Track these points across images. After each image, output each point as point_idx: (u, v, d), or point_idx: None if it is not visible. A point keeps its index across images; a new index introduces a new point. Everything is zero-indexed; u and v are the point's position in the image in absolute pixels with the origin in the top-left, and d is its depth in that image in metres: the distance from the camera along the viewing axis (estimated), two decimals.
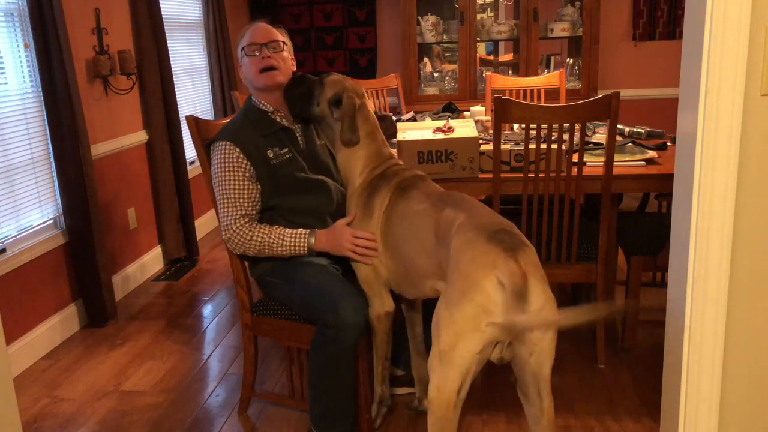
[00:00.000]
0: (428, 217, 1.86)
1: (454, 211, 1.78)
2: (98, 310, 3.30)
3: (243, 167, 2.10)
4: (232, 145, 2.10)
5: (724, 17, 1.52)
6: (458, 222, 1.71)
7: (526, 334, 1.54)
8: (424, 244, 1.85)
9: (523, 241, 1.61)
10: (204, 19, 4.80)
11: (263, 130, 2.17)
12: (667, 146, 2.88)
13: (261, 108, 2.21)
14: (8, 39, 2.95)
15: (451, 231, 1.71)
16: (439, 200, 1.89)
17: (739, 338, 1.70)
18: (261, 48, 2.18)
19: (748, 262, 1.65)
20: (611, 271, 2.88)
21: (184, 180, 4.14)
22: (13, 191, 2.96)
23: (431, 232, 1.83)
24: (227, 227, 2.12)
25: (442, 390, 1.54)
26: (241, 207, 2.11)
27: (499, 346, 1.56)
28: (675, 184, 1.79)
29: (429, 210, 1.88)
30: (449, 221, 1.76)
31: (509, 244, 1.55)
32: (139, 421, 2.47)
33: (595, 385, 2.53)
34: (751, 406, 1.74)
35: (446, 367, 1.53)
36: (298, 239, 2.11)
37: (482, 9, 5.01)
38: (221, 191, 2.12)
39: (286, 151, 2.18)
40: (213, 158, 2.15)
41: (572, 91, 4.70)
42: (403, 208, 1.96)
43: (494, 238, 1.57)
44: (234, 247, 2.14)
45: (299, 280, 2.14)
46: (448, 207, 1.81)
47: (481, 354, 1.53)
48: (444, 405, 1.54)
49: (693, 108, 1.62)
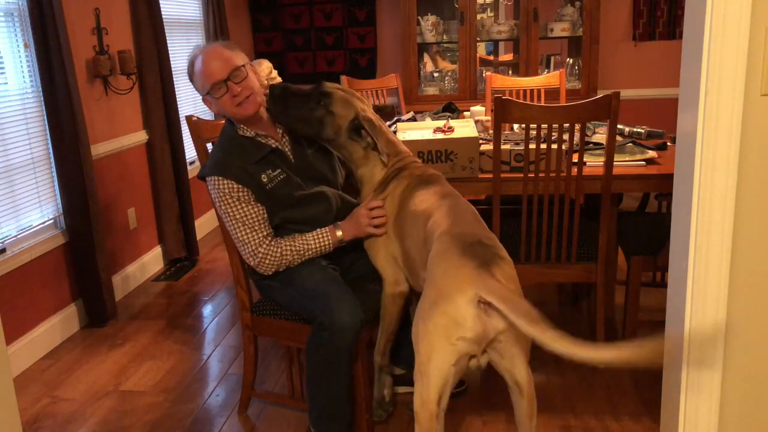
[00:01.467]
0: (424, 216, 1.90)
1: (444, 215, 1.81)
2: (98, 310, 3.30)
3: (242, 195, 2.07)
4: (223, 178, 2.05)
5: (724, 17, 1.52)
6: (440, 229, 1.74)
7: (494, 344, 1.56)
8: (420, 237, 1.89)
9: (498, 254, 1.62)
10: (204, 19, 4.80)
11: (252, 156, 2.09)
12: (667, 146, 2.88)
13: (245, 135, 2.13)
14: (8, 39, 2.95)
15: (434, 236, 1.74)
16: (441, 198, 1.91)
17: (739, 338, 1.70)
18: (225, 84, 2.05)
19: (748, 262, 1.65)
20: (611, 271, 2.88)
21: (184, 180, 4.14)
22: (13, 191, 2.96)
23: (422, 230, 1.87)
24: (254, 253, 2.09)
25: (425, 401, 1.57)
26: (259, 230, 2.09)
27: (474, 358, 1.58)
28: (675, 184, 1.78)
29: (428, 209, 1.91)
30: (436, 224, 1.79)
31: (483, 258, 1.57)
32: (139, 421, 2.47)
33: (595, 385, 2.53)
34: (751, 406, 1.74)
35: (425, 380, 1.56)
36: (323, 237, 2.12)
37: (482, 9, 5.01)
38: (234, 223, 2.09)
39: (279, 172, 2.12)
40: (211, 193, 2.12)
41: (572, 91, 4.70)
42: (416, 201, 1.99)
43: (468, 252, 1.59)
44: (267, 268, 2.11)
45: (296, 282, 2.14)
46: (442, 209, 1.85)
47: (456, 366, 1.55)
48: (428, 415, 1.57)
49: (693, 108, 1.62)
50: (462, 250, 1.60)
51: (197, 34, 4.80)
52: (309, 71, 5.51)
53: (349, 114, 2.09)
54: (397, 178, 2.09)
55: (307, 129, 2.11)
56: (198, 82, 2.11)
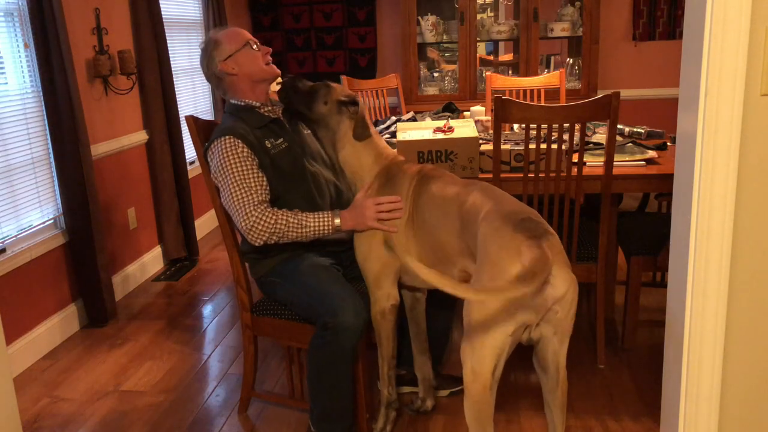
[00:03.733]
0: (456, 201, 1.90)
1: (481, 198, 1.82)
2: (98, 310, 3.30)
3: (249, 157, 2.09)
4: (234, 138, 2.09)
5: (724, 17, 1.52)
6: (485, 209, 1.76)
7: (551, 315, 1.59)
8: (453, 225, 1.89)
9: (547, 229, 1.66)
10: (204, 19, 4.80)
11: (256, 123, 2.19)
12: (667, 146, 2.88)
13: (248, 105, 2.23)
14: (8, 39, 2.95)
15: (478, 217, 1.76)
16: (467, 185, 1.93)
17: (739, 338, 1.70)
18: (256, 43, 2.25)
19: (748, 262, 1.65)
20: (611, 271, 2.88)
21: (184, 180, 4.14)
22: (13, 191, 2.96)
23: (457, 215, 1.88)
24: (248, 215, 2.03)
25: (478, 373, 1.60)
26: (257, 194, 2.06)
27: (528, 329, 1.61)
28: (675, 184, 1.79)
29: (458, 194, 1.91)
30: (476, 207, 1.81)
31: (534, 232, 1.60)
32: (139, 421, 2.47)
33: (595, 385, 2.53)
34: (751, 406, 1.74)
35: (480, 351, 1.59)
36: (323, 220, 2.07)
37: (482, 9, 5.01)
38: (233, 183, 2.06)
39: (281, 141, 2.20)
40: (215, 155, 2.12)
41: (572, 91, 4.70)
42: (433, 193, 1.99)
43: (520, 226, 1.62)
44: (258, 234, 2.03)
45: (299, 280, 2.14)
46: (476, 193, 1.86)
47: (513, 336, 1.59)
48: (480, 387, 1.61)
49: (693, 108, 1.62)
50: (514, 226, 1.63)
51: (197, 34, 4.80)
52: (309, 71, 5.51)
53: (346, 92, 2.15)
54: (396, 177, 2.08)
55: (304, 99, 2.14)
56: (227, 45, 2.20)
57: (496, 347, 1.58)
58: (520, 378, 2.59)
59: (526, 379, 2.58)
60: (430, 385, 2.38)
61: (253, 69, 2.22)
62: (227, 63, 2.20)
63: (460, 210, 1.87)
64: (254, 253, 2.23)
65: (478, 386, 1.60)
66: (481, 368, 1.59)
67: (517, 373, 2.62)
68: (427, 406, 2.38)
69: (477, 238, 1.72)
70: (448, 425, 2.33)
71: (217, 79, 2.26)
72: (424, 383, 2.36)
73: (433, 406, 2.38)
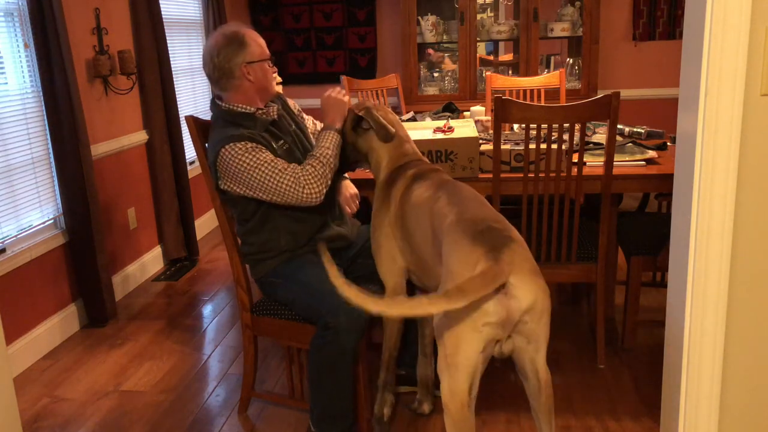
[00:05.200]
0: (426, 207, 1.89)
1: (446, 205, 1.81)
2: (98, 310, 3.30)
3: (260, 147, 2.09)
4: (244, 142, 2.08)
5: (724, 17, 1.52)
6: (448, 220, 1.74)
7: (521, 326, 1.56)
8: (426, 233, 1.89)
9: (509, 236, 1.62)
10: (204, 19, 4.80)
11: (258, 129, 2.16)
12: (667, 146, 2.88)
13: (246, 112, 2.18)
14: (8, 39, 2.95)
15: (442, 228, 1.74)
16: (437, 190, 1.91)
17: (739, 338, 1.70)
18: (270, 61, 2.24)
19: (748, 262, 1.65)
20: (611, 271, 2.88)
21: (184, 180, 4.14)
22: (13, 191, 2.96)
23: (428, 223, 1.87)
24: (297, 182, 2.05)
25: (455, 392, 1.58)
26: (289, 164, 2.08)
27: (498, 343, 1.59)
28: (675, 184, 1.79)
29: (428, 200, 1.91)
30: (441, 216, 1.79)
31: (494, 243, 1.57)
32: (139, 421, 2.47)
33: (595, 385, 2.53)
34: (751, 406, 1.74)
35: (453, 371, 1.57)
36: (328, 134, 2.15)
37: (482, 9, 5.01)
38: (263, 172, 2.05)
39: (282, 142, 2.21)
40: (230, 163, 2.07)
41: (572, 91, 4.70)
42: (414, 198, 1.99)
43: (479, 238, 1.59)
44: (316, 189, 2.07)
45: (300, 280, 2.14)
46: (442, 199, 1.85)
47: (484, 352, 1.56)
48: (459, 406, 1.58)
49: (693, 108, 1.62)
50: (473, 238, 1.60)
51: (197, 34, 4.80)
52: (309, 71, 5.51)
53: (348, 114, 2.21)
54: (395, 181, 2.10)
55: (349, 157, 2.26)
56: (255, 50, 2.18)
57: (469, 366, 1.56)
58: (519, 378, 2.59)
59: None
60: (429, 387, 2.37)
61: (265, 84, 2.21)
62: (248, 68, 2.16)
63: (430, 217, 1.85)
64: (255, 254, 2.23)
65: (457, 405, 1.58)
66: (456, 387, 1.57)
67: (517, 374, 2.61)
68: (423, 409, 2.38)
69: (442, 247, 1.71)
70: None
71: (227, 74, 2.16)
72: (423, 384, 2.36)
73: (430, 409, 2.38)
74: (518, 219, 2.57)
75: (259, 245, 2.22)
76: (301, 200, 2.06)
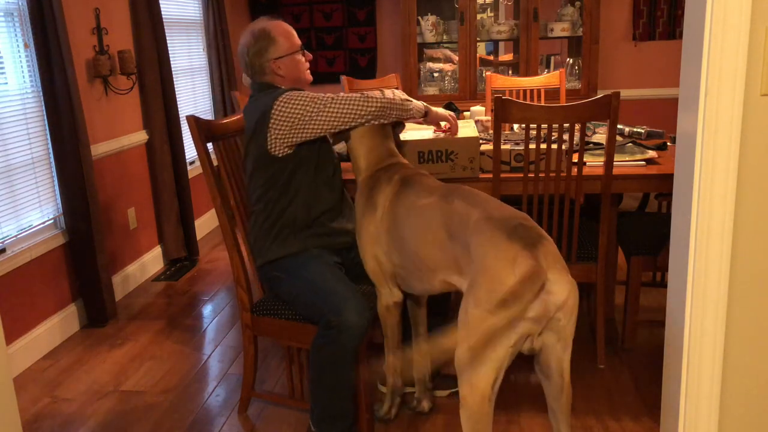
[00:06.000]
0: (437, 211, 1.87)
1: (465, 205, 1.79)
2: (98, 310, 3.30)
3: None
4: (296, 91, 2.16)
5: (724, 17, 1.52)
6: (474, 218, 1.72)
7: (553, 323, 1.57)
8: (436, 236, 1.86)
9: (542, 234, 1.64)
10: (204, 19, 4.80)
11: None
12: (667, 146, 2.88)
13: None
14: (8, 39, 2.95)
15: (468, 227, 1.72)
16: (447, 193, 1.90)
17: (739, 338, 1.70)
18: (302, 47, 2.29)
19: (748, 262, 1.65)
20: (611, 271, 2.88)
21: (184, 180, 4.14)
22: (13, 191, 2.96)
23: (441, 225, 1.84)
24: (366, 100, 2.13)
25: (476, 386, 1.57)
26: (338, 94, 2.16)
27: (530, 338, 1.59)
28: (675, 184, 1.79)
29: (437, 203, 1.88)
30: (462, 216, 1.77)
31: (529, 240, 1.58)
32: (139, 421, 2.47)
33: (595, 385, 2.53)
34: (751, 406, 1.74)
35: (480, 365, 1.55)
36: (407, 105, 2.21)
37: (482, 9, 5.01)
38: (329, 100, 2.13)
39: None
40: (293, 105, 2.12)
41: (572, 91, 4.70)
42: (409, 203, 1.97)
43: (515, 234, 1.60)
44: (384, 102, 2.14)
45: (303, 276, 2.14)
46: (458, 201, 1.83)
47: (514, 347, 1.56)
48: (479, 400, 1.58)
49: (693, 108, 1.62)
50: (508, 234, 1.60)
51: (197, 34, 4.80)
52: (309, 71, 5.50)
53: None
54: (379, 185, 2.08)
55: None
56: (283, 44, 2.23)
57: (497, 360, 1.54)
58: (520, 378, 2.59)
59: (526, 379, 2.58)
60: (426, 386, 2.38)
61: (298, 75, 2.28)
62: (277, 63, 2.22)
63: (445, 221, 1.83)
64: (262, 240, 2.23)
65: (477, 399, 1.57)
66: (479, 382, 1.56)
67: (517, 374, 2.62)
68: (423, 407, 2.38)
69: (469, 248, 1.68)
70: (448, 425, 2.33)
71: (259, 71, 2.25)
72: (420, 384, 2.36)
73: (430, 407, 2.38)
74: None
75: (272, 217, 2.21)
76: (378, 105, 2.13)
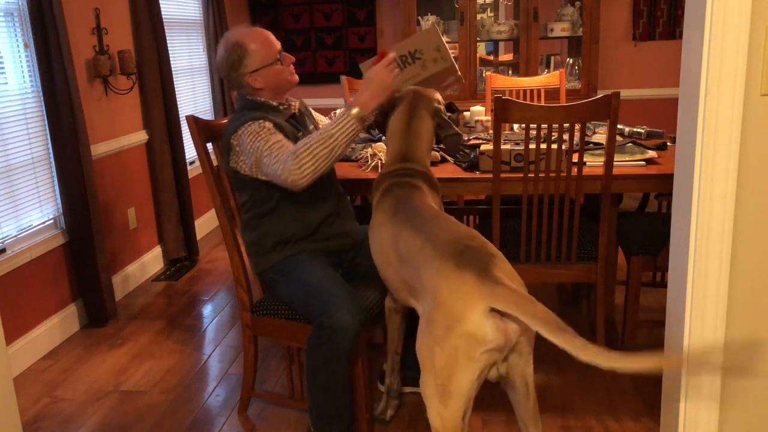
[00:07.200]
0: (389, 231, 1.86)
1: (410, 232, 1.75)
2: (98, 310, 3.30)
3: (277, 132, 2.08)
4: (263, 121, 2.08)
5: (724, 17, 1.52)
6: (418, 244, 1.68)
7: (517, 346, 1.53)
8: (389, 258, 1.86)
9: (490, 252, 1.58)
10: (204, 19, 4.80)
11: (279, 117, 2.16)
12: (667, 146, 2.88)
13: (266, 103, 2.20)
14: (8, 39, 2.95)
15: (416, 256, 1.68)
16: (396, 214, 1.86)
17: (738, 338, 1.70)
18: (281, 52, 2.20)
19: (748, 262, 1.65)
20: (611, 271, 2.88)
21: (184, 180, 4.14)
22: (13, 191, 2.96)
23: (392, 248, 1.83)
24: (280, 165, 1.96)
25: (447, 419, 1.53)
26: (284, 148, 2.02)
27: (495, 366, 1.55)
28: (675, 184, 1.79)
29: (389, 222, 1.87)
30: (408, 244, 1.73)
31: (478, 264, 1.52)
32: (139, 421, 2.47)
33: (595, 385, 2.53)
34: (751, 406, 1.74)
35: (446, 398, 1.51)
36: (342, 120, 1.95)
37: (482, 9, 5.01)
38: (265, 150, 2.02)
39: (301, 135, 2.20)
40: (245, 139, 2.05)
41: (572, 91, 4.70)
42: (375, 218, 1.98)
43: (463, 262, 1.53)
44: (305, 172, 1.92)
45: (299, 279, 2.14)
46: (403, 224, 1.80)
47: (479, 379, 1.52)
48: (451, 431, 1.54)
49: (693, 108, 1.62)
50: (456, 263, 1.54)
51: (197, 34, 4.80)
52: (309, 71, 5.51)
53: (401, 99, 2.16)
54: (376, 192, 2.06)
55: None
56: (258, 56, 2.13)
57: (463, 395, 1.50)
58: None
59: None
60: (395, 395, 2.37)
61: (278, 83, 2.20)
62: (253, 76, 2.15)
63: (394, 243, 1.80)
64: (259, 242, 2.23)
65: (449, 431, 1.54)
66: (449, 415, 1.52)
67: None
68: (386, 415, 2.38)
69: (420, 273, 1.64)
70: None
71: (237, 84, 2.20)
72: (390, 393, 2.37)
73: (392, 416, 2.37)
74: (518, 219, 2.57)
75: (264, 233, 2.20)
76: (285, 184, 1.97)
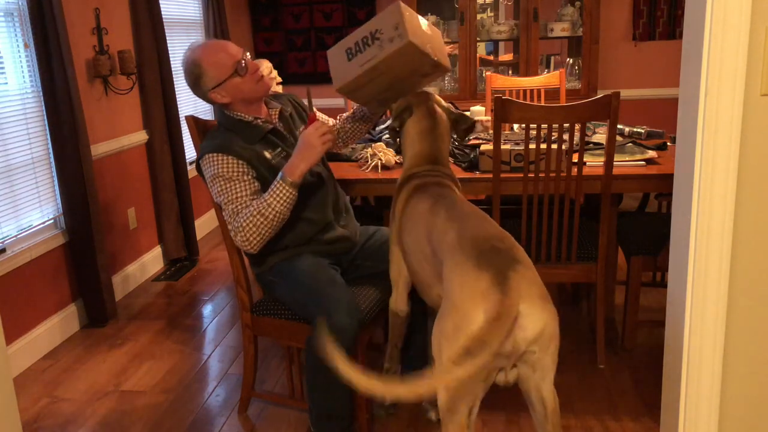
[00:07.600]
0: (425, 222, 1.84)
1: (445, 221, 1.74)
2: (98, 310, 3.30)
3: (241, 171, 2.07)
4: (222, 154, 2.06)
5: (724, 17, 1.52)
6: (448, 238, 1.67)
7: (527, 356, 1.50)
8: (424, 250, 1.83)
9: (515, 257, 1.54)
10: (204, 19, 4.80)
11: (252, 138, 2.13)
12: (667, 146, 2.88)
13: (242, 119, 2.17)
14: (8, 39, 2.95)
15: (443, 247, 1.67)
16: (435, 204, 1.85)
17: (739, 338, 1.70)
18: (242, 61, 2.11)
19: (748, 262, 1.65)
20: (611, 271, 2.88)
21: (184, 180, 4.14)
22: (13, 191, 2.96)
23: (426, 239, 1.81)
24: (231, 227, 2.08)
25: (453, 413, 1.53)
26: (235, 204, 2.06)
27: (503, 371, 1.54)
28: (675, 184, 1.79)
29: (426, 214, 1.85)
30: (440, 233, 1.72)
31: (499, 267, 1.48)
32: (139, 421, 2.47)
33: (595, 385, 2.53)
34: (751, 406, 1.74)
35: (453, 398, 1.51)
36: (276, 187, 2.02)
37: (482, 9, 5.01)
38: (224, 200, 2.08)
39: (279, 150, 2.18)
40: (205, 172, 2.12)
41: (572, 91, 4.70)
42: (411, 212, 1.95)
43: (484, 261, 1.50)
44: (243, 241, 2.05)
45: (296, 279, 2.15)
46: (441, 213, 1.78)
47: (485, 382, 1.51)
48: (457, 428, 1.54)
49: (693, 108, 1.62)
50: (477, 261, 1.51)
51: (197, 34, 4.80)
52: (309, 71, 5.51)
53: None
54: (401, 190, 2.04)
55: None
56: (213, 73, 2.10)
57: (468, 393, 1.50)
58: None
59: None
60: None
61: (244, 94, 2.14)
62: (216, 92, 2.13)
63: (429, 235, 1.78)
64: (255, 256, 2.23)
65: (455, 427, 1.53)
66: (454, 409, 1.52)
67: None
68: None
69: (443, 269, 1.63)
70: None
71: (204, 99, 2.19)
72: None
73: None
74: (518, 219, 2.57)
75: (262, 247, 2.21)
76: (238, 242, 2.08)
